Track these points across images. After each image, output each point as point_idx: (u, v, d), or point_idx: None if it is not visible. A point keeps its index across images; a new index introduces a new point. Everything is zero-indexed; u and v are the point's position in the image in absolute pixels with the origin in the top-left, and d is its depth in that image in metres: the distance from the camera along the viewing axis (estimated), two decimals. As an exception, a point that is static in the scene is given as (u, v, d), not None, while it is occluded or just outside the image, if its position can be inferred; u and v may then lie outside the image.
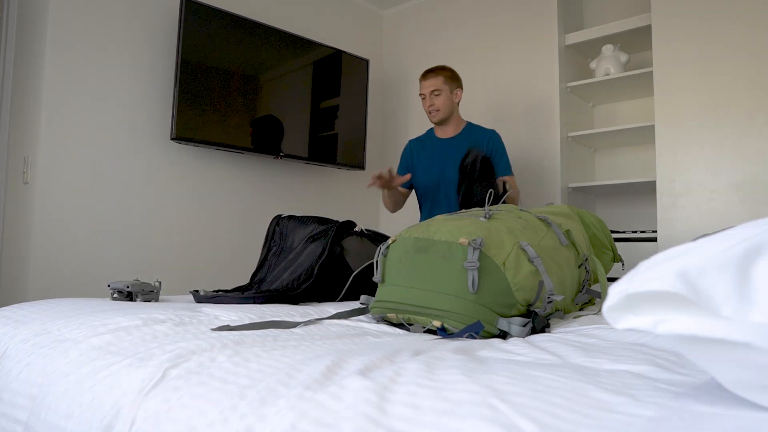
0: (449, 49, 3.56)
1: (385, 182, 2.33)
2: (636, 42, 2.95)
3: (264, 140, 3.04)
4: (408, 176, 2.44)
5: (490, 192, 1.27)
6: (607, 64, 2.91)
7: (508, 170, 2.46)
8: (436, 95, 2.43)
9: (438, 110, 2.44)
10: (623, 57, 2.91)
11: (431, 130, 2.61)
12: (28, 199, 2.45)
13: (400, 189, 2.60)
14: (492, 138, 2.48)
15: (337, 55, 3.41)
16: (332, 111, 3.40)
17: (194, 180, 2.91)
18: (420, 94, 2.49)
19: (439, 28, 3.64)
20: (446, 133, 2.53)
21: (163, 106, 2.80)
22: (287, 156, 3.15)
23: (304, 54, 3.25)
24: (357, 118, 3.51)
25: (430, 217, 2.46)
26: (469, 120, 2.65)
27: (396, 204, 2.60)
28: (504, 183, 2.19)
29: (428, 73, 2.46)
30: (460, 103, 2.54)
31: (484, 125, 3.32)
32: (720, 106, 2.36)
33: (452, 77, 2.47)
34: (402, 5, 3.86)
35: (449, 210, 2.43)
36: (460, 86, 2.51)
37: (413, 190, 2.64)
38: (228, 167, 3.05)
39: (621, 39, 2.93)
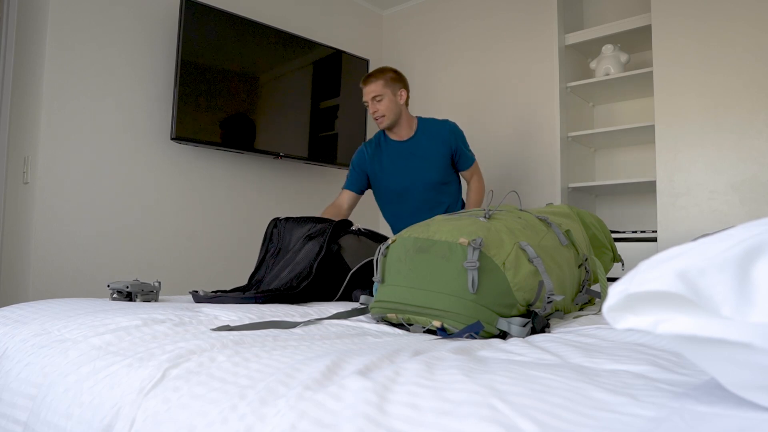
0: (449, 49, 3.56)
1: None
2: (636, 42, 2.95)
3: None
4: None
5: (490, 192, 1.27)
6: (607, 64, 2.91)
7: (472, 158, 2.43)
8: (378, 101, 2.30)
9: (383, 116, 2.32)
10: (623, 57, 2.91)
11: (382, 132, 2.48)
12: (28, 199, 2.45)
13: (350, 193, 2.47)
14: (453, 130, 2.38)
15: (337, 55, 3.41)
16: (332, 111, 3.40)
17: (194, 180, 2.91)
18: (363, 101, 2.36)
19: (439, 28, 3.64)
20: (401, 135, 2.40)
21: (163, 106, 2.80)
22: (287, 156, 3.15)
23: (304, 54, 3.25)
24: (357, 118, 3.51)
25: (397, 221, 2.43)
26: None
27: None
28: None
29: (367, 79, 2.34)
30: (409, 103, 2.43)
31: (483, 125, 3.34)
32: (720, 106, 2.36)
33: (394, 78, 2.34)
34: (402, 5, 3.86)
35: (418, 212, 2.37)
36: (405, 86, 2.37)
37: (362, 195, 2.53)
38: (228, 167, 3.05)
39: (621, 39, 2.93)
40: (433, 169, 2.38)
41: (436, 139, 2.38)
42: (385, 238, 1.73)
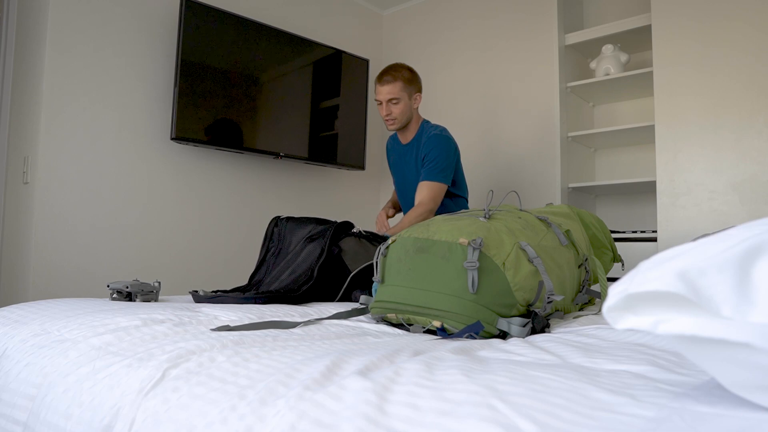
0: (449, 49, 3.56)
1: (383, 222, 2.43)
2: (636, 42, 2.95)
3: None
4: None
5: (490, 192, 1.27)
6: (607, 64, 2.91)
7: (429, 176, 2.20)
8: (394, 104, 2.22)
9: (395, 119, 2.25)
10: (623, 57, 2.91)
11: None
12: (28, 199, 2.45)
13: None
14: (427, 141, 2.25)
15: (337, 55, 3.41)
16: (332, 111, 3.40)
17: (194, 180, 2.91)
18: (376, 100, 2.26)
19: (439, 28, 3.64)
20: (406, 137, 2.37)
21: (163, 106, 2.79)
22: (287, 156, 3.15)
23: (304, 54, 3.25)
24: (357, 118, 3.51)
25: (406, 211, 2.47)
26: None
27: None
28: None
29: (384, 76, 2.22)
30: (419, 107, 2.36)
31: (483, 126, 3.34)
32: (720, 107, 2.36)
33: (411, 80, 2.25)
34: (402, 5, 3.86)
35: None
36: (419, 89, 2.29)
37: None
38: (228, 167, 3.05)
39: (621, 39, 2.93)
40: (415, 176, 2.35)
41: (422, 145, 2.30)
42: (386, 240, 1.73)
